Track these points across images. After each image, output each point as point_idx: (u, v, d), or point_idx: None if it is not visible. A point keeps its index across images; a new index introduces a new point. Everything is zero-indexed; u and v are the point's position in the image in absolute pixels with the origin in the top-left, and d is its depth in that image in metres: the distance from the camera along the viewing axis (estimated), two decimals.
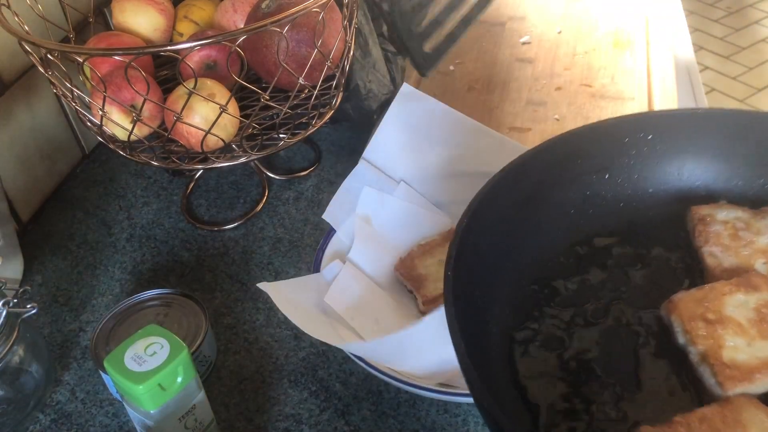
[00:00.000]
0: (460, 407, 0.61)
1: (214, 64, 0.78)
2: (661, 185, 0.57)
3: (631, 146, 0.57)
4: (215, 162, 0.74)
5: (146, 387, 0.50)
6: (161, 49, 0.68)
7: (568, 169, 0.57)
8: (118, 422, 0.62)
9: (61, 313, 0.72)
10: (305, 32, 0.73)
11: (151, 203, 0.85)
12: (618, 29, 1.03)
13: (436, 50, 0.87)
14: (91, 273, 0.77)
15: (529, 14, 1.10)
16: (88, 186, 0.88)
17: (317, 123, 0.78)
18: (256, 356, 0.66)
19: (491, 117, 0.89)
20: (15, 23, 0.69)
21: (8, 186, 0.78)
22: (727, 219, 0.52)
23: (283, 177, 0.86)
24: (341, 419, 0.61)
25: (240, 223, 0.81)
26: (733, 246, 0.50)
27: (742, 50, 2.84)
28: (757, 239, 0.50)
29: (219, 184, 0.87)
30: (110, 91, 0.71)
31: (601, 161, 0.57)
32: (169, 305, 0.66)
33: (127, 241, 0.80)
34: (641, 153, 0.57)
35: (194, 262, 0.77)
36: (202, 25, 0.85)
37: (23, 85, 0.81)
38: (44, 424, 0.62)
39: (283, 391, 0.63)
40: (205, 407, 0.56)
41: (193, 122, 0.71)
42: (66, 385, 0.66)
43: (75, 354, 0.68)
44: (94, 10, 0.85)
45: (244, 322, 0.70)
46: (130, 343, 0.53)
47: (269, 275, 0.75)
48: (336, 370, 0.65)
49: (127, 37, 0.81)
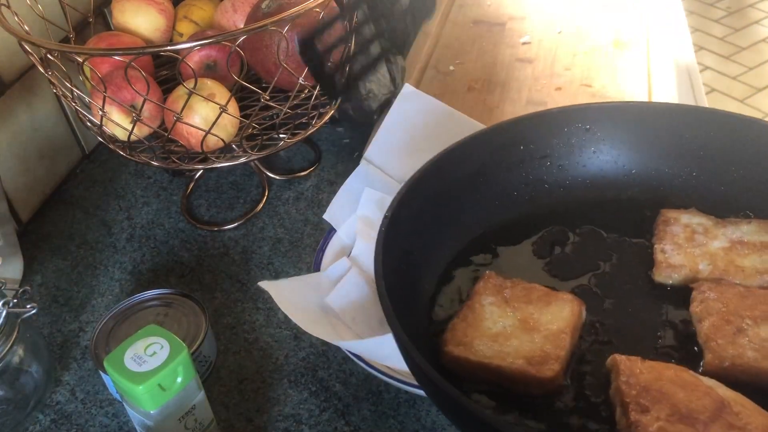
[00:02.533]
0: None
1: (214, 64, 0.78)
2: (599, 172, 0.62)
3: (571, 135, 0.61)
4: (215, 162, 0.74)
5: (146, 387, 0.50)
6: (161, 49, 0.68)
7: (512, 153, 0.61)
8: (118, 422, 0.62)
9: (61, 313, 0.72)
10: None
11: (151, 203, 0.85)
12: (618, 29, 1.03)
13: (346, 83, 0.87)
14: (91, 273, 0.77)
15: (529, 14, 1.10)
16: (88, 186, 0.88)
17: (317, 123, 0.78)
18: (256, 356, 0.66)
19: (491, 117, 0.89)
20: (15, 23, 0.69)
21: (8, 186, 0.78)
22: (689, 223, 0.55)
23: (283, 177, 0.86)
24: (341, 419, 0.61)
25: (240, 223, 0.81)
26: (685, 246, 0.53)
27: (742, 50, 2.84)
28: (710, 243, 0.53)
29: (219, 184, 0.87)
30: (110, 91, 0.71)
31: (543, 148, 0.62)
32: (169, 305, 0.66)
33: (127, 241, 0.80)
34: (580, 142, 0.61)
35: (194, 262, 0.77)
36: (202, 25, 0.85)
37: (23, 85, 0.81)
38: (44, 424, 0.62)
39: (283, 391, 0.63)
40: (205, 407, 0.56)
41: (193, 122, 0.71)
42: (66, 385, 0.66)
43: (75, 354, 0.68)
44: (94, 10, 0.85)
45: (244, 322, 0.70)
46: (130, 344, 0.53)
47: (269, 275, 0.75)
48: (336, 370, 0.65)
49: (127, 37, 0.81)
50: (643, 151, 0.61)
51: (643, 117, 0.60)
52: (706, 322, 0.47)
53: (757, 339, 0.45)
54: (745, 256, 0.52)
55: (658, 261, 0.53)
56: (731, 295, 0.48)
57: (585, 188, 0.61)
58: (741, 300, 0.47)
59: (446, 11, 1.12)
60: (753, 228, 0.54)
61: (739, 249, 0.53)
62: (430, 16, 1.01)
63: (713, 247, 0.53)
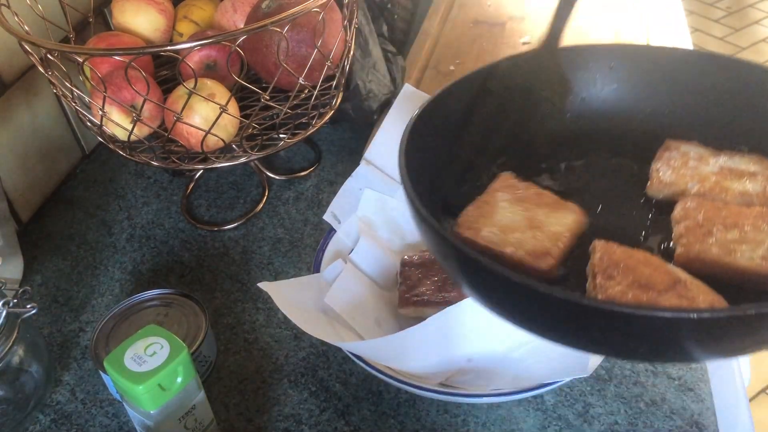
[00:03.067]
0: (460, 407, 0.61)
1: (214, 64, 0.78)
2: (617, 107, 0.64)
3: (596, 71, 0.64)
4: (215, 162, 0.74)
5: (146, 387, 0.50)
6: (161, 49, 0.68)
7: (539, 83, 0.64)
8: (118, 422, 0.62)
9: (61, 313, 0.72)
10: (305, 32, 0.73)
11: (151, 203, 0.85)
12: (618, 29, 1.03)
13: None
14: (91, 273, 0.77)
15: (529, 14, 1.10)
16: (88, 186, 0.88)
17: (317, 123, 0.78)
18: (256, 356, 0.66)
19: None
20: (15, 23, 0.69)
21: (8, 186, 0.78)
22: (687, 151, 0.59)
23: (283, 177, 0.86)
24: (341, 419, 0.61)
25: (240, 223, 0.81)
26: (678, 168, 0.58)
27: (742, 50, 2.84)
28: (701, 167, 0.57)
29: (219, 184, 0.87)
30: (110, 91, 0.71)
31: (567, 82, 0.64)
32: (169, 305, 0.66)
33: (127, 242, 0.80)
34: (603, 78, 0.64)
35: (194, 262, 0.77)
36: (202, 25, 0.85)
37: (23, 85, 0.81)
38: (44, 424, 0.62)
39: (283, 392, 0.63)
40: (205, 407, 0.56)
41: (193, 122, 0.71)
42: (66, 385, 0.66)
43: (75, 354, 0.68)
44: (94, 10, 0.85)
45: (244, 322, 0.70)
46: (130, 343, 0.53)
47: (269, 275, 0.75)
48: (336, 370, 0.65)
49: (127, 37, 0.81)
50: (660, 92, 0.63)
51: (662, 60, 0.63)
52: (682, 225, 0.51)
53: (724, 240, 0.50)
54: (732, 180, 0.56)
55: (652, 178, 0.57)
56: (710, 207, 0.52)
57: (603, 119, 0.64)
58: (717, 211, 0.52)
59: (446, 11, 1.12)
60: (744, 159, 0.58)
61: (728, 174, 0.57)
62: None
63: (704, 171, 0.57)
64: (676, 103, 0.63)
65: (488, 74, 0.61)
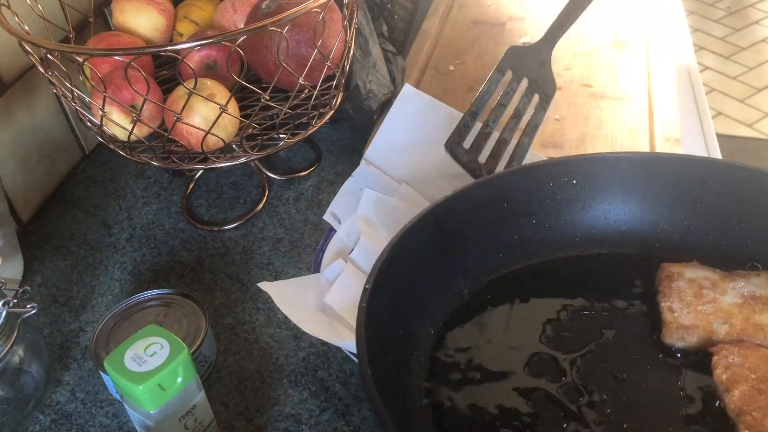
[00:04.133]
0: None
1: (214, 64, 0.78)
2: (589, 229, 0.57)
3: (557, 190, 0.57)
4: (215, 162, 0.74)
5: (146, 387, 0.50)
6: (161, 49, 0.68)
7: (495, 211, 0.57)
8: (118, 422, 0.62)
9: (61, 313, 0.72)
10: (305, 32, 0.73)
11: (151, 203, 0.85)
12: (618, 29, 1.03)
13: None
14: (91, 273, 0.77)
15: (529, 14, 1.10)
16: (88, 186, 0.88)
17: (317, 123, 0.78)
18: (256, 356, 0.66)
19: None
20: (15, 23, 0.69)
21: (8, 186, 0.78)
22: (695, 278, 0.51)
23: (283, 177, 0.86)
24: (341, 419, 0.61)
25: (240, 223, 0.81)
26: (694, 303, 0.49)
27: (742, 50, 2.84)
28: (721, 299, 0.49)
29: (219, 184, 0.87)
30: (110, 91, 0.71)
31: (527, 205, 0.57)
32: (169, 305, 0.66)
33: (127, 242, 0.80)
34: (568, 198, 0.57)
35: (194, 262, 0.77)
36: (202, 25, 0.85)
37: (23, 85, 0.81)
38: (44, 424, 0.62)
39: (283, 392, 0.63)
40: (205, 407, 0.56)
41: (193, 122, 0.71)
42: (66, 385, 0.66)
43: (75, 354, 0.68)
44: (94, 10, 0.85)
45: (244, 322, 0.70)
46: (130, 344, 0.53)
47: (269, 275, 0.75)
48: (336, 370, 0.65)
49: (127, 37, 0.81)
50: (636, 205, 0.56)
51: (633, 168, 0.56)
52: (736, 392, 0.43)
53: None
54: (762, 312, 0.48)
55: (667, 321, 0.49)
56: (757, 358, 0.44)
57: (575, 247, 0.57)
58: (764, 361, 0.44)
59: (446, 11, 1.12)
60: (763, 280, 0.50)
61: (753, 304, 0.48)
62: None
63: (725, 304, 0.49)
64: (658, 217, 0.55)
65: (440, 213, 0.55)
